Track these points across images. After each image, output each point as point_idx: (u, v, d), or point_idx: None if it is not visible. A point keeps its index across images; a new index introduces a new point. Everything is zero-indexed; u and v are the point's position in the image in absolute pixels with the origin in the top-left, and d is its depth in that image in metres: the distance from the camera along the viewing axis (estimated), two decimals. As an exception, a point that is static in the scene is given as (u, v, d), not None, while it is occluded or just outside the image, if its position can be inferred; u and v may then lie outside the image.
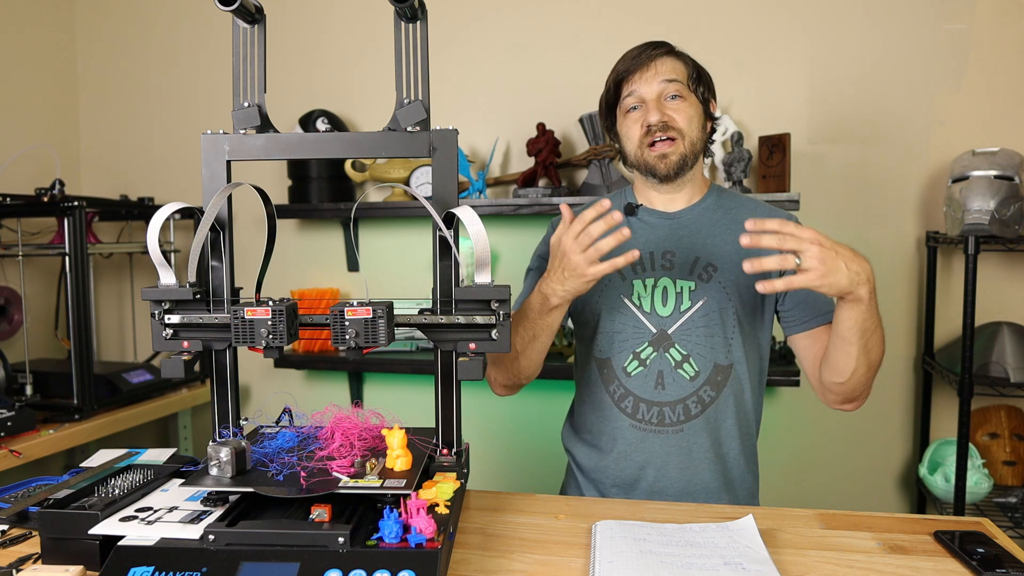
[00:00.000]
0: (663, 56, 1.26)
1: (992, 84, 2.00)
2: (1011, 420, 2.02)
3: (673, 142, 1.24)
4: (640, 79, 1.25)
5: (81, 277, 1.96)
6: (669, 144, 1.24)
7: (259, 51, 1.05)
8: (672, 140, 1.24)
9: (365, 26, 2.38)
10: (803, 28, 2.09)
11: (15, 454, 1.73)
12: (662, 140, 1.24)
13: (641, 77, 1.25)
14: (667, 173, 1.26)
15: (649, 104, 1.25)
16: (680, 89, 1.25)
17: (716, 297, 1.25)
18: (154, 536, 0.84)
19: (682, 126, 1.24)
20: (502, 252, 2.30)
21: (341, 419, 1.03)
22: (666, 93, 1.25)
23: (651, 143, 1.25)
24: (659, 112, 1.24)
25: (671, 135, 1.24)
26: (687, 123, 1.25)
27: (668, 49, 1.28)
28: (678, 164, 1.25)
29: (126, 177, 2.60)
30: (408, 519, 0.83)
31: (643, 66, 1.25)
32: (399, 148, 1.04)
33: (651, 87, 1.25)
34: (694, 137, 1.26)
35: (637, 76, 1.26)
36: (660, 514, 1.09)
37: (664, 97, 1.25)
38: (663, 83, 1.24)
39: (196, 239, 0.96)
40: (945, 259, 2.07)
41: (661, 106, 1.25)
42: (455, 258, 1.02)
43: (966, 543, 0.97)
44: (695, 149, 1.27)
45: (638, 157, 1.28)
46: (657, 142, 1.24)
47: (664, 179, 1.27)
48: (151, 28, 2.56)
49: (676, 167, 1.25)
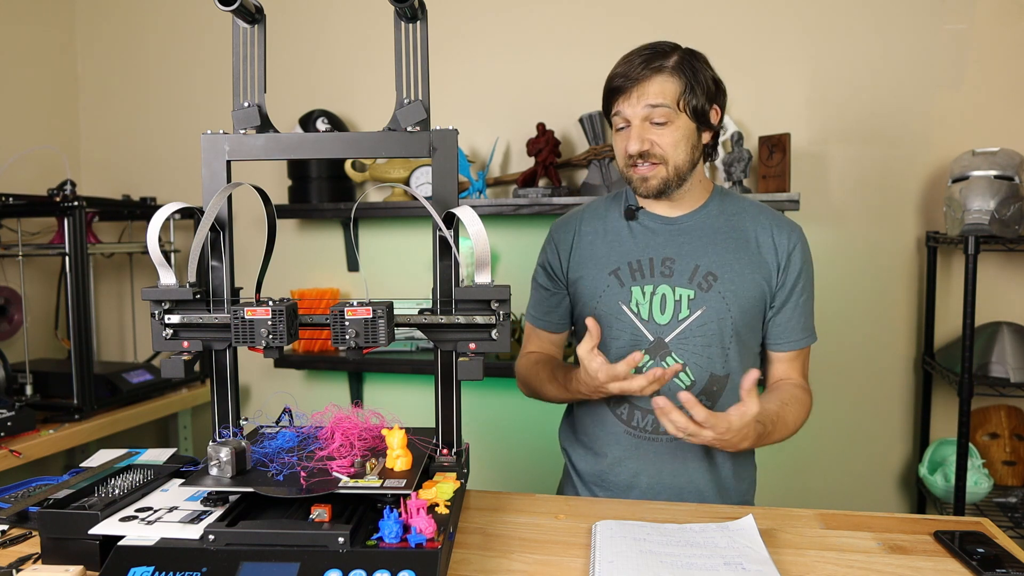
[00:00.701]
0: (653, 75, 1.21)
1: (992, 84, 2.00)
2: (1011, 420, 2.02)
3: (655, 167, 1.23)
4: (625, 102, 1.23)
5: (81, 277, 1.96)
6: (651, 168, 1.23)
7: (259, 51, 1.05)
8: (654, 165, 1.23)
9: (365, 26, 2.38)
10: (803, 28, 2.09)
11: (15, 454, 1.73)
12: (642, 165, 1.23)
13: (626, 100, 1.22)
14: (647, 195, 1.26)
15: (632, 129, 1.23)
16: (666, 114, 1.21)
17: (715, 307, 1.24)
18: (154, 536, 0.84)
19: (665, 152, 1.22)
20: (502, 252, 2.30)
21: (341, 419, 1.03)
22: (650, 117, 1.21)
23: (633, 164, 1.24)
24: (639, 141, 1.21)
25: (653, 160, 1.23)
26: (672, 148, 1.22)
27: (660, 64, 1.21)
28: (659, 188, 1.24)
29: (126, 177, 2.60)
30: (408, 519, 0.83)
31: (629, 88, 1.22)
32: (399, 148, 1.04)
33: (635, 111, 1.22)
34: (679, 161, 1.23)
35: (623, 98, 1.23)
36: (660, 514, 1.09)
37: (649, 120, 1.22)
38: (647, 108, 1.21)
39: (196, 239, 0.96)
40: (945, 259, 2.07)
41: (644, 131, 1.22)
42: (455, 258, 1.02)
43: (966, 543, 0.97)
44: (680, 172, 1.24)
45: (623, 174, 1.29)
46: (638, 166, 1.24)
47: (646, 198, 1.28)
48: (151, 28, 2.56)
49: (657, 191, 1.25)
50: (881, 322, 2.11)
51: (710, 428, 1.06)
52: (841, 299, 2.09)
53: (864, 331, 2.11)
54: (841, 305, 2.09)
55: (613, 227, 1.33)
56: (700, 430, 1.07)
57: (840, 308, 2.09)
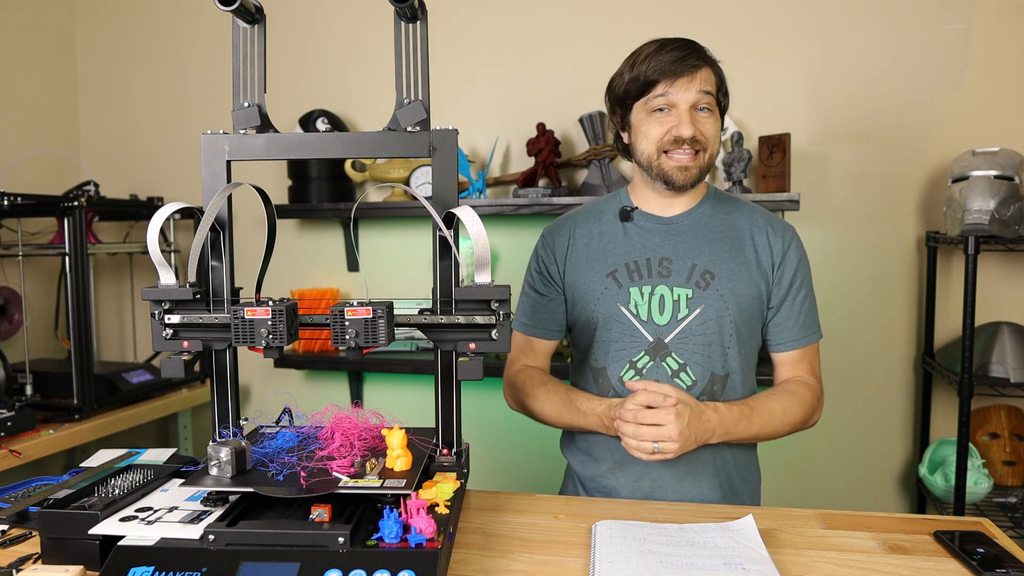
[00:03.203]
0: (704, 65, 1.22)
1: (992, 84, 2.00)
2: (1011, 420, 2.02)
3: (697, 155, 1.23)
4: (679, 85, 1.20)
5: (81, 277, 1.96)
6: (693, 157, 1.22)
7: (259, 51, 1.05)
8: (697, 153, 1.22)
9: (365, 26, 2.38)
10: (803, 28, 2.09)
11: (15, 454, 1.73)
12: (684, 153, 1.22)
13: (680, 84, 1.20)
14: (684, 184, 1.24)
15: (682, 114, 1.21)
16: (711, 102, 1.23)
17: (714, 305, 1.24)
18: (154, 536, 0.84)
19: (708, 140, 1.23)
20: (502, 252, 2.30)
21: (341, 419, 1.03)
22: (699, 104, 1.22)
23: (667, 151, 1.23)
24: (692, 126, 1.20)
25: (697, 148, 1.22)
26: (713, 138, 1.23)
27: (707, 57, 1.23)
28: (697, 177, 1.24)
29: (126, 177, 2.60)
30: (408, 519, 0.83)
31: (686, 74, 1.20)
32: (399, 148, 1.04)
33: (688, 96, 1.21)
34: (714, 150, 1.24)
35: (670, 82, 1.21)
36: (660, 514, 1.09)
37: (696, 107, 1.22)
38: (700, 94, 1.21)
39: (196, 239, 0.96)
40: (945, 259, 2.07)
41: (694, 118, 1.21)
42: (455, 258, 1.02)
43: (966, 543, 0.97)
44: (712, 162, 1.26)
45: (652, 160, 1.24)
46: (679, 154, 1.22)
47: (679, 189, 1.25)
48: (151, 28, 2.56)
49: (695, 180, 1.24)
50: (881, 322, 2.11)
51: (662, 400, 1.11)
52: (841, 299, 2.09)
53: (864, 331, 2.11)
54: (841, 305, 2.09)
55: (608, 229, 1.32)
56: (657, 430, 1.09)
57: (840, 308, 2.09)
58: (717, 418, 1.16)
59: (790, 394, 1.26)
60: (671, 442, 1.09)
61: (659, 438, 1.09)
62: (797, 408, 1.25)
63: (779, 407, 1.23)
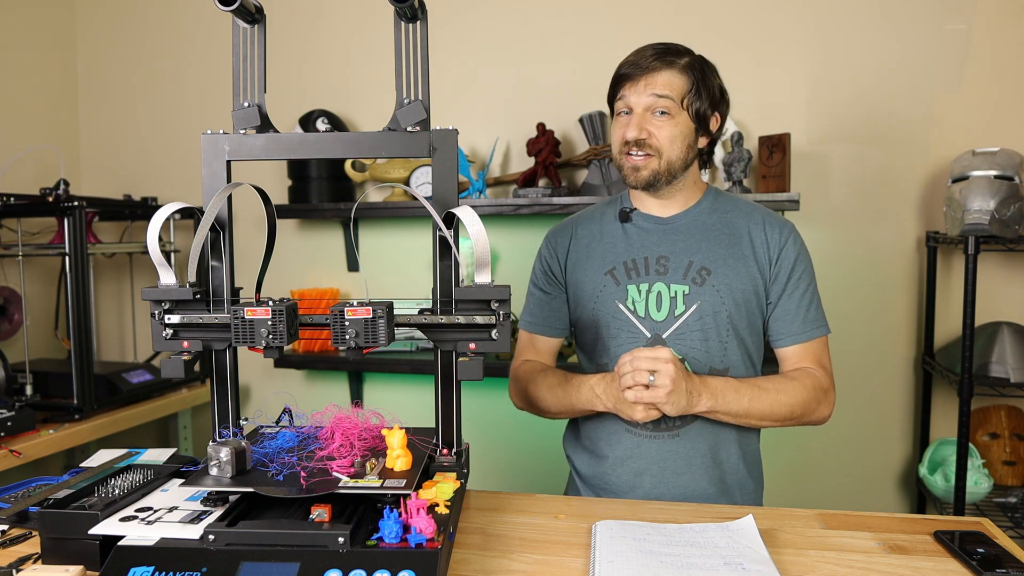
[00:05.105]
0: (663, 68, 1.23)
1: (992, 84, 2.00)
2: (1011, 420, 2.02)
3: (648, 158, 1.24)
4: (631, 88, 1.24)
5: (81, 277, 1.96)
6: (644, 159, 1.24)
7: (259, 51, 1.05)
8: (648, 156, 1.24)
9: (365, 26, 2.38)
10: (803, 28, 2.09)
11: (15, 454, 1.73)
12: (636, 155, 1.25)
13: (633, 87, 1.24)
14: (636, 185, 1.27)
15: (633, 116, 1.25)
16: (669, 106, 1.23)
17: (710, 301, 1.25)
18: (154, 536, 0.84)
19: (661, 144, 1.23)
20: (502, 252, 2.30)
21: (341, 419, 1.03)
22: (654, 107, 1.23)
23: (627, 152, 1.26)
24: (638, 128, 1.23)
25: (647, 152, 1.24)
26: (668, 142, 1.23)
27: (672, 60, 1.24)
28: (648, 180, 1.25)
29: (126, 177, 2.60)
30: (408, 519, 0.83)
31: (636, 76, 1.24)
32: (399, 148, 1.04)
33: (640, 99, 1.24)
34: (673, 156, 1.24)
35: (630, 84, 1.25)
36: (660, 514, 1.09)
37: (652, 111, 1.23)
38: (652, 97, 1.23)
39: (196, 239, 0.96)
40: (945, 259, 2.07)
41: (644, 121, 1.24)
42: (455, 258, 1.02)
43: (966, 543, 0.97)
44: (672, 168, 1.25)
45: (617, 161, 1.30)
46: (632, 155, 1.25)
47: (635, 188, 1.29)
48: (151, 28, 2.56)
49: (646, 182, 1.26)
50: (881, 322, 2.11)
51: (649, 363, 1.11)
52: (841, 299, 2.09)
53: (864, 331, 2.11)
54: (841, 305, 2.09)
55: (608, 229, 1.35)
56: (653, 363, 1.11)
57: (840, 308, 2.09)
58: (702, 382, 1.18)
59: (786, 377, 1.26)
60: (665, 377, 1.10)
61: (653, 368, 1.11)
62: (792, 390, 1.22)
63: (772, 385, 1.22)
